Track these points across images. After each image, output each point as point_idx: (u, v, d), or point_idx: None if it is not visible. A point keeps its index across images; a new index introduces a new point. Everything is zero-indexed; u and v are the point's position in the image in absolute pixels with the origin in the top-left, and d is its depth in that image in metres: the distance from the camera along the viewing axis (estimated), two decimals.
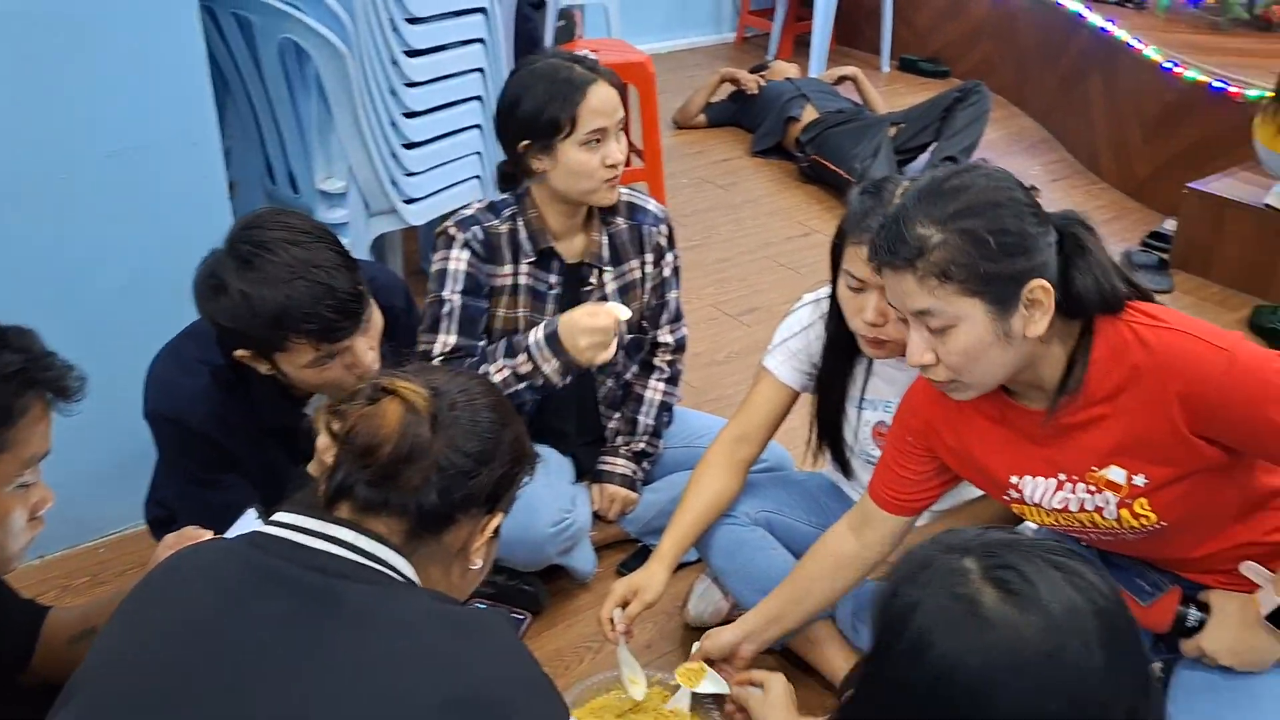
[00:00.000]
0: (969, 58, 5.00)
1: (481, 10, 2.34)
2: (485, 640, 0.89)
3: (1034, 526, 1.70)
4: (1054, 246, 1.20)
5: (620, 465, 1.98)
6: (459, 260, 1.77)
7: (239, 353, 1.44)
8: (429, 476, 0.94)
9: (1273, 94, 2.90)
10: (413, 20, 2.21)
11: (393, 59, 2.20)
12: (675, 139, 4.28)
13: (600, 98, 1.68)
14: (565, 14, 3.40)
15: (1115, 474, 1.28)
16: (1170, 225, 3.38)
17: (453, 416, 0.96)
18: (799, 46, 5.18)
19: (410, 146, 2.33)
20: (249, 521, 1.37)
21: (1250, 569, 1.36)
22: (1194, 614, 1.39)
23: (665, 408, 2.00)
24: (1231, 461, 1.26)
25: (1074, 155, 4.17)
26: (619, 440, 1.99)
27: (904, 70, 5.16)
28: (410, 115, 2.29)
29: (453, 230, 1.78)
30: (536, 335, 1.71)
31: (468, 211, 1.80)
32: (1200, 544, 1.37)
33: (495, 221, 1.79)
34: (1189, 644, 1.38)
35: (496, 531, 1.03)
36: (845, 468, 1.81)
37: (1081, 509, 1.33)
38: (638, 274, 1.91)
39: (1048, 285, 1.18)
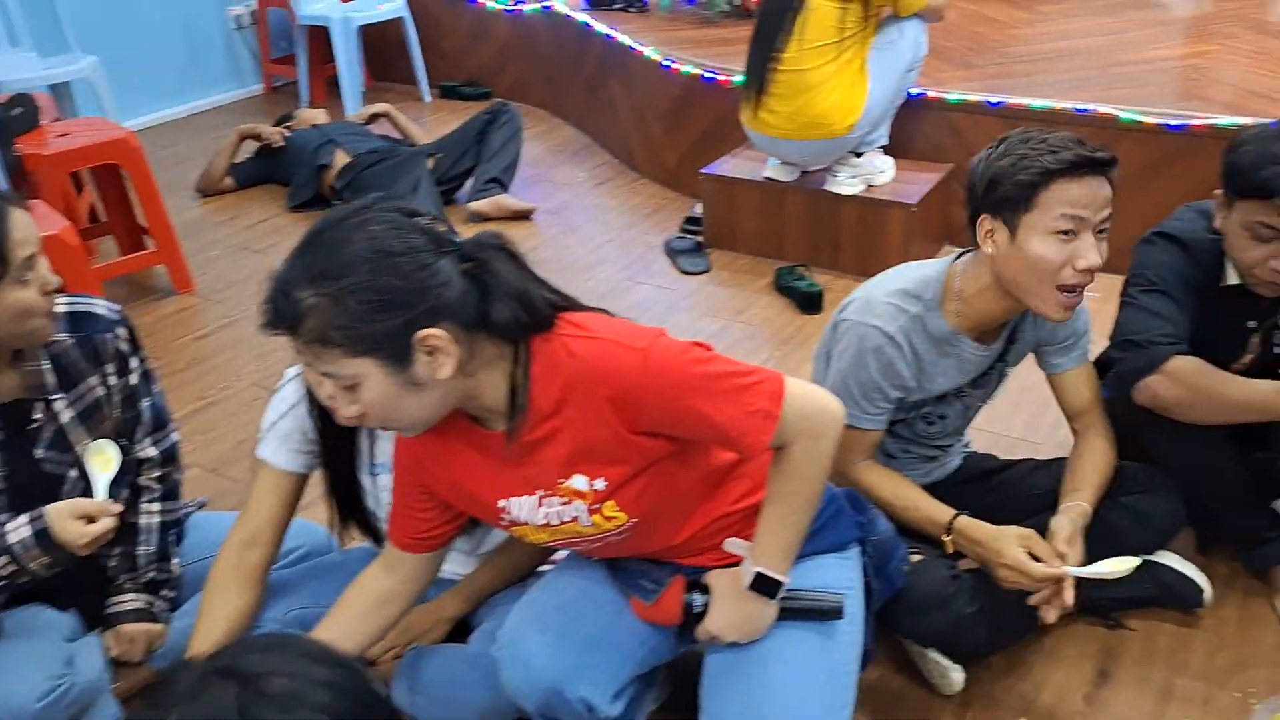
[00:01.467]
0: (504, 77, 5.11)
1: None
2: None
3: (563, 554, 1.71)
4: (462, 280, 1.18)
5: (130, 601, 1.74)
6: None
7: None
8: None
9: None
10: None
11: None
12: (202, 209, 3.98)
13: (21, 223, 1.48)
14: (22, 99, 2.99)
15: (579, 482, 1.31)
16: (699, 209, 3.64)
17: None
18: (332, 89, 5.03)
19: None
20: None
21: (732, 544, 1.42)
22: (698, 599, 1.43)
23: (168, 528, 1.79)
24: (680, 449, 1.31)
25: (614, 156, 4.38)
26: (123, 579, 1.76)
27: (446, 97, 5.17)
28: None
29: None
30: (20, 535, 1.51)
31: None
32: (680, 529, 1.42)
33: None
34: (700, 629, 1.43)
35: None
36: (376, 537, 1.73)
37: (562, 521, 1.35)
38: (100, 391, 1.68)
39: (440, 333, 1.17)
